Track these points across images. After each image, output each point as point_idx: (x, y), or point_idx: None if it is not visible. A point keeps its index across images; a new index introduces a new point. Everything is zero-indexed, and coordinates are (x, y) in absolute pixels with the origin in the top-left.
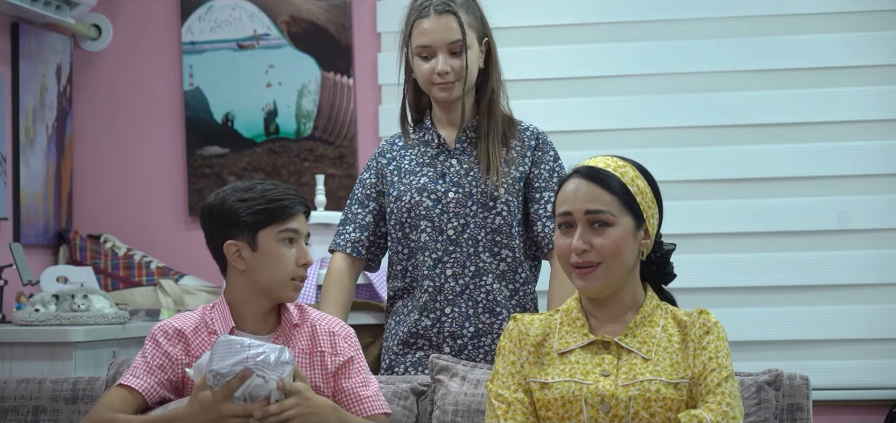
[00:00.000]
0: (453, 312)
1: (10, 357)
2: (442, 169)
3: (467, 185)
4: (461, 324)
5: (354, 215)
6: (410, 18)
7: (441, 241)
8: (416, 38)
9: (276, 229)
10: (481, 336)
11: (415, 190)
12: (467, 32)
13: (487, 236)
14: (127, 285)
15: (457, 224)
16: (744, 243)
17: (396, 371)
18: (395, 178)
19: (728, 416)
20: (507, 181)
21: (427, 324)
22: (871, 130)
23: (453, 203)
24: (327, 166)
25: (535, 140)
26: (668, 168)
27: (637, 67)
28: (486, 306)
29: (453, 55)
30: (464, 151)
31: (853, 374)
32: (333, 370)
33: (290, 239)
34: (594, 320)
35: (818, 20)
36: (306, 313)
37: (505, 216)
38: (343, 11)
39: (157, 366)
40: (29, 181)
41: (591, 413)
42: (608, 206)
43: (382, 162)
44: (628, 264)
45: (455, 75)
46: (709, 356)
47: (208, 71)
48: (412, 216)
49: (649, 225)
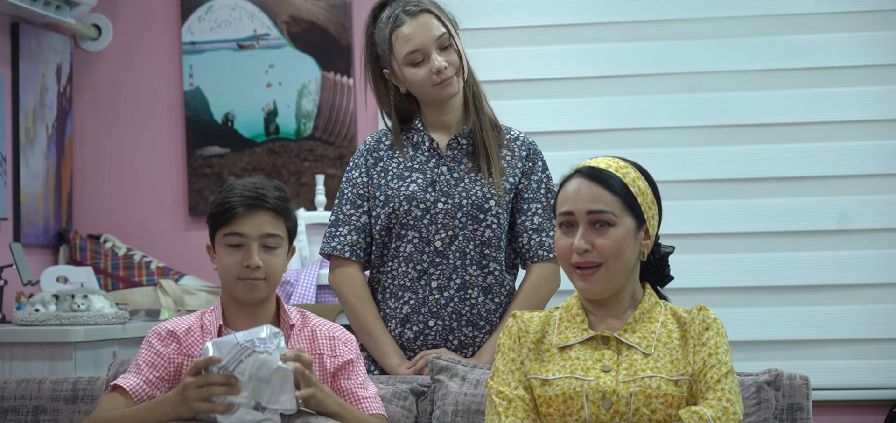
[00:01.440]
0: (437, 324)
1: (10, 357)
2: (432, 175)
3: (457, 195)
4: (444, 337)
5: (348, 217)
6: (384, 33)
7: (427, 252)
8: (400, 47)
9: (221, 233)
10: (464, 349)
11: (403, 197)
12: (448, 26)
13: (476, 249)
14: (127, 285)
15: (445, 236)
16: (744, 243)
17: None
18: (382, 180)
19: (728, 412)
20: (498, 192)
21: (410, 336)
22: (871, 130)
23: (442, 214)
24: (327, 166)
25: (527, 150)
26: (668, 168)
27: (637, 67)
28: (469, 320)
29: (443, 50)
30: (454, 157)
31: (853, 374)
32: (332, 370)
33: (235, 244)
34: (593, 316)
35: (818, 20)
36: (308, 318)
37: (494, 229)
38: (343, 11)
39: (147, 364)
40: (29, 181)
41: (593, 409)
42: (610, 206)
43: (371, 161)
44: (629, 264)
45: (453, 69)
46: (708, 352)
47: (208, 71)
48: (399, 225)
49: (650, 226)
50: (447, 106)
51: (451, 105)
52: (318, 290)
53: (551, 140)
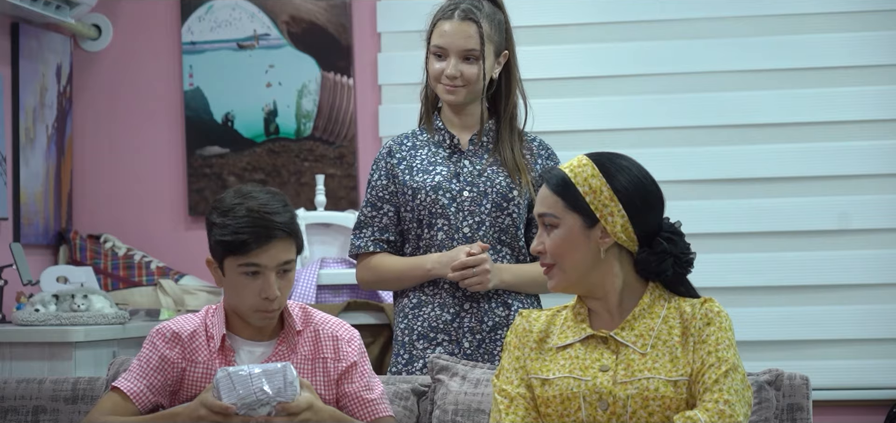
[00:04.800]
0: (472, 307)
1: (10, 357)
2: (455, 169)
3: (481, 184)
4: (480, 318)
5: (370, 219)
6: (435, 17)
7: (457, 240)
8: (434, 37)
9: (235, 262)
10: (498, 329)
11: (429, 188)
12: (486, 43)
13: (495, 235)
14: (127, 285)
15: (472, 222)
16: (744, 243)
17: (415, 366)
18: (407, 176)
19: (724, 415)
20: (520, 184)
21: (447, 318)
22: (871, 130)
23: (468, 202)
24: (327, 166)
25: (546, 150)
26: (668, 168)
27: (637, 67)
28: (500, 300)
29: (466, 61)
30: (476, 153)
31: (853, 374)
32: (336, 376)
33: (253, 272)
34: (594, 315)
35: (818, 20)
36: (310, 316)
37: (514, 218)
38: (343, 11)
39: (151, 369)
40: (29, 181)
41: (590, 411)
42: (552, 208)
43: (392, 162)
44: (583, 262)
45: (462, 81)
46: (708, 349)
47: (208, 71)
48: (428, 215)
49: (607, 223)
50: (464, 110)
51: (469, 110)
52: (319, 290)
53: (551, 140)
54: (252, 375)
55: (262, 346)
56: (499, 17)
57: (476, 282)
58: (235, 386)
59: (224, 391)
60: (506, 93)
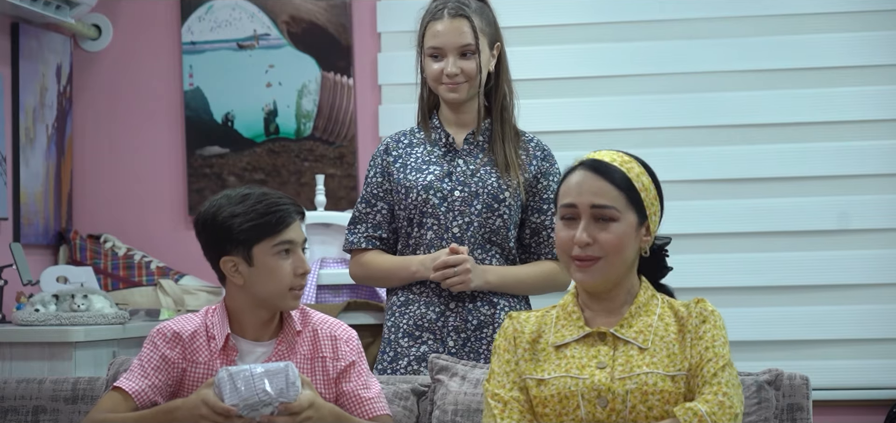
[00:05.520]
0: (457, 306)
1: (10, 357)
2: (448, 168)
3: (473, 185)
4: (465, 317)
5: (364, 215)
6: (424, 20)
7: (447, 240)
8: (428, 39)
9: (270, 243)
10: (484, 328)
11: (421, 187)
12: (480, 37)
13: (485, 236)
14: (127, 285)
15: (462, 223)
16: (744, 243)
17: (400, 364)
18: (400, 175)
19: (724, 406)
20: (513, 185)
21: (432, 317)
22: (871, 130)
23: (459, 202)
24: (327, 166)
25: (542, 151)
26: (668, 168)
27: (637, 67)
28: (485, 300)
29: (463, 57)
30: (471, 152)
31: (853, 374)
32: (335, 375)
33: (286, 250)
34: (589, 312)
35: (818, 20)
36: (308, 316)
37: (505, 219)
38: (343, 11)
39: (152, 368)
40: (29, 181)
41: (589, 408)
42: (614, 201)
43: (388, 160)
44: (628, 260)
45: (464, 77)
46: (705, 345)
47: (208, 71)
48: (419, 214)
49: (651, 223)
50: (462, 107)
51: (467, 107)
52: (319, 290)
53: (551, 140)
54: (254, 375)
55: (262, 346)
56: (486, 11)
57: (457, 282)
58: (238, 386)
59: (226, 391)
60: (495, 85)
